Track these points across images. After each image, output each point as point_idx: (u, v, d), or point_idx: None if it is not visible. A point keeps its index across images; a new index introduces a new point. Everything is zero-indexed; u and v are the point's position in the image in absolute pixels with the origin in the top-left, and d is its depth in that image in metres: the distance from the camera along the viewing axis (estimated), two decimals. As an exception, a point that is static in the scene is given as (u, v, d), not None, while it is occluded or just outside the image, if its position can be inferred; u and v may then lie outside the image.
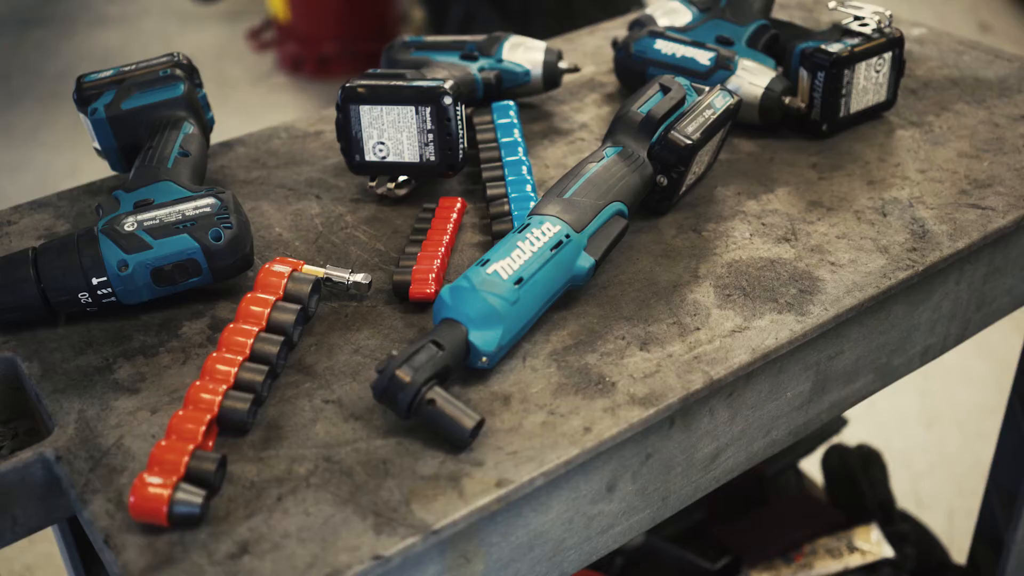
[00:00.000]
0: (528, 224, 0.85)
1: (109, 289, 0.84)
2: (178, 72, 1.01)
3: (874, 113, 1.14)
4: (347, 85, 0.97)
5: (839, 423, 1.71)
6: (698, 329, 0.85)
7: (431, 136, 0.97)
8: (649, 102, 0.97)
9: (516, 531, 0.75)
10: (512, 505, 0.74)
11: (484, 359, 0.79)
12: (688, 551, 1.51)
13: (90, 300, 0.85)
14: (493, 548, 0.75)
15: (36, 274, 0.84)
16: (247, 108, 3.71)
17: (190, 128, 0.98)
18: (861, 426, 2.21)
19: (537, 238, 0.83)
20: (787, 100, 1.09)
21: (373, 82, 0.97)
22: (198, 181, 0.95)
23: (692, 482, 0.87)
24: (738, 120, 1.11)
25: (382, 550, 0.67)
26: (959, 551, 1.69)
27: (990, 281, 1.03)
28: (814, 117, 1.09)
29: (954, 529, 2.06)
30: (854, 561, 1.46)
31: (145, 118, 0.99)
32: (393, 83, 0.97)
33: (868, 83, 1.10)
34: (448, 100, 0.95)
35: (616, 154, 0.94)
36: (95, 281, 0.84)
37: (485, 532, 0.73)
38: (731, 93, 1.00)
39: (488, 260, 0.81)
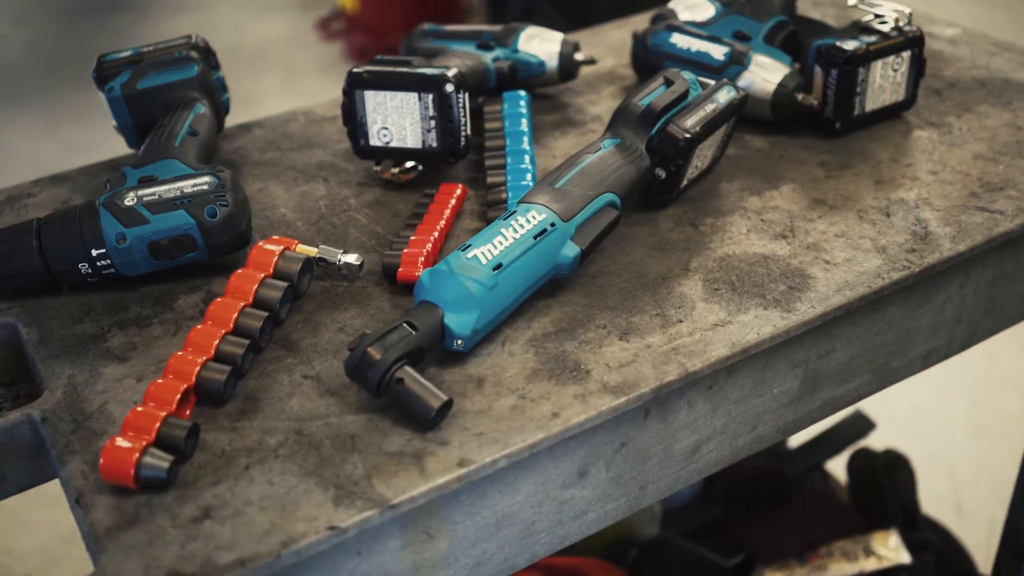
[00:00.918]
0: (514, 212, 0.86)
1: (108, 261, 0.87)
2: (193, 54, 1.04)
3: (892, 113, 1.12)
4: (353, 70, 0.99)
5: (867, 426, 1.69)
6: (680, 321, 0.85)
7: (433, 123, 0.98)
8: (651, 95, 0.97)
9: (481, 511, 0.76)
10: (476, 485, 0.75)
11: (459, 342, 0.80)
12: (703, 547, 1.50)
13: (90, 271, 0.88)
14: (458, 526, 0.76)
15: (39, 244, 0.87)
16: (314, 96, 3.76)
17: (201, 108, 1.01)
18: (905, 432, 2.18)
19: (521, 225, 0.84)
20: (800, 97, 1.08)
21: (379, 68, 0.99)
22: (205, 160, 0.97)
23: (672, 473, 0.87)
24: (751, 116, 1.11)
25: (338, 521, 0.69)
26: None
27: (999, 286, 1.01)
28: (827, 115, 1.08)
29: (994, 541, 2.02)
30: (870, 565, 1.44)
31: (159, 98, 1.02)
32: (398, 70, 0.98)
33: (885, 82, 1.09)
34: (450, 88, 0.96)
35: (614, 146, 0.94)
36: (94, 253, 0.87)
37: (448, 510, 0.75)
38: (736, 88, 1.00)
39: (470, 245, 0.82)
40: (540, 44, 1.16)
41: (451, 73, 0.97)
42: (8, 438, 0.78)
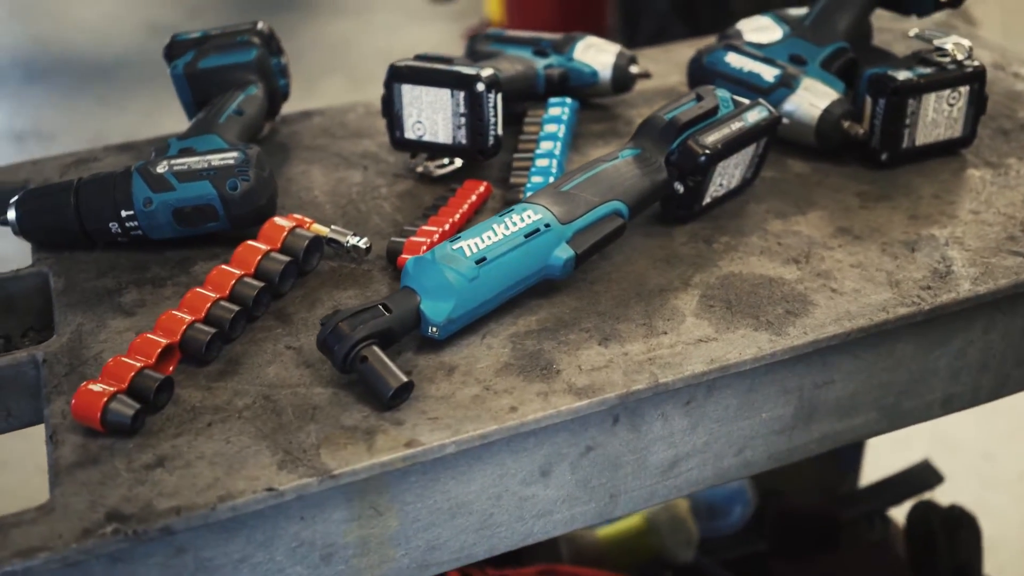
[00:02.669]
0: (511, 209, 0.87)
1: (136, 223, 0.93)
2: (254, 39, 1.09)
3: (947, 148, 1.08)
4: (394, 64, 1.02)
5: (934, 479, 1.62)
6: (665, 333, 0.85)
7: (464, 120, 1.00)
8: (678, 108, 0.96)
9: (434, 495, 0.78)
10: (427, 468, 0.76)
11: (434, 329, 0.82)
12: (738, 580, 1.47)
13: (119, 231, 0.94)
14: (408, 507, 0.78)
15: (76, 202, 0.94)
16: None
17: (254, 91, 1.06)
18: (1008, 496, 2.08)
19: (514, 223, 0.86)
20: (846, 124, 1.05)
21: (418, 64, 1.02)
22: (248, 140, 1.02)
23: (646, 486, 0.87)
24: (796, 141, 1.09)
25: (277, 484, 0.71)
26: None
27: (1033, 337, 0.97)
28: (873, 145, 1.06)
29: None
30: (908, 622, 1.38)
31: (218, 78, 1.07)
32: (435, 66, 1.01)
33: (939, 116, 1.05)
34: (481, 87, 0.99)
35: (632, 156, 0.94)
36: (124, 214, 0.93)
37: (397, 489, 0.76)
38: (769, 109, 0.99)
39: (459, 237, 0.84)
40: (595, 54, 1.17)
41: (485, 73, 0.99)
42: (14, 374, 0.85)
